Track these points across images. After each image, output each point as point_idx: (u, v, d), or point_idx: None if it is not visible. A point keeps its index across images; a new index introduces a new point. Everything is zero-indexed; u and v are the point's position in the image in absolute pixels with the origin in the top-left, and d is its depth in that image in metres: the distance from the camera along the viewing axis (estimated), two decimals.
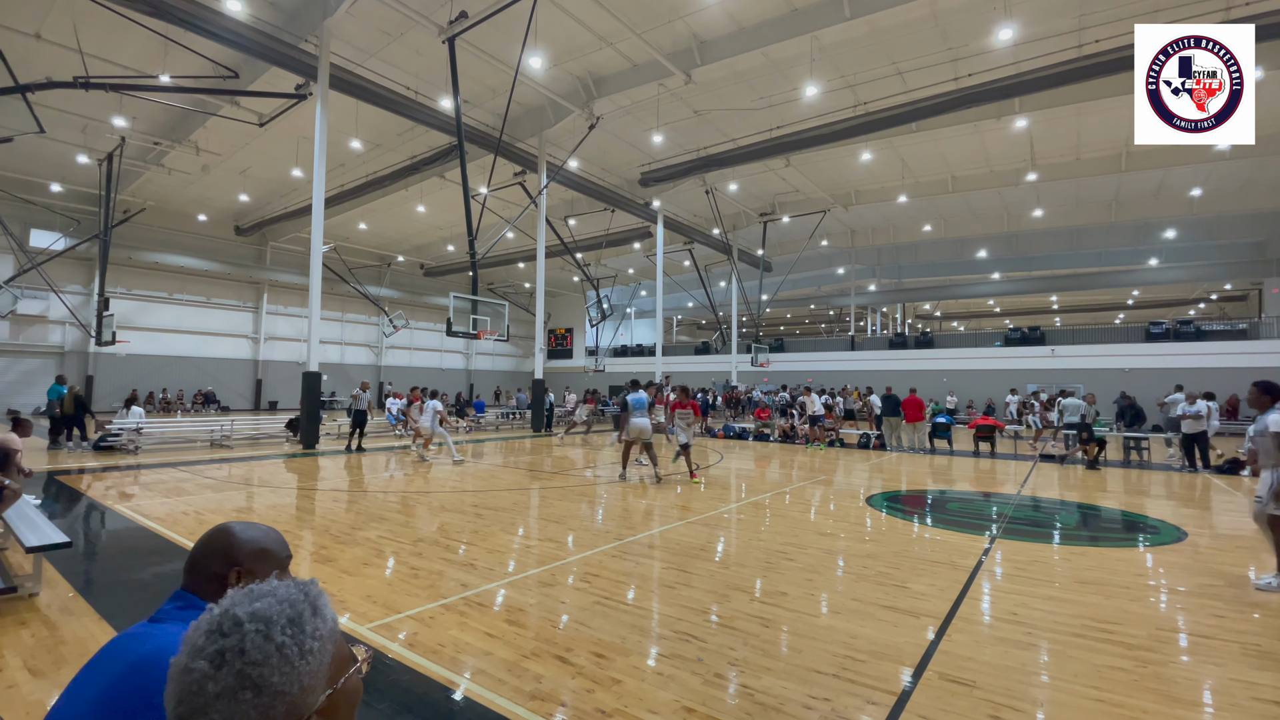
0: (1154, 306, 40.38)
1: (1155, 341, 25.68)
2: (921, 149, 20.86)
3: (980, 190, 23.53)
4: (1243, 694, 3.11)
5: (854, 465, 12.86)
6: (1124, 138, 19.51)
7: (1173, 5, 12.70)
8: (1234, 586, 4.98)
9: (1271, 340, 24.35)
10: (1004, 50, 14.39)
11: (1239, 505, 8.69)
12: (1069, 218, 26.67)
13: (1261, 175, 21.79)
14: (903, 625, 3.94)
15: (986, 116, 17.22)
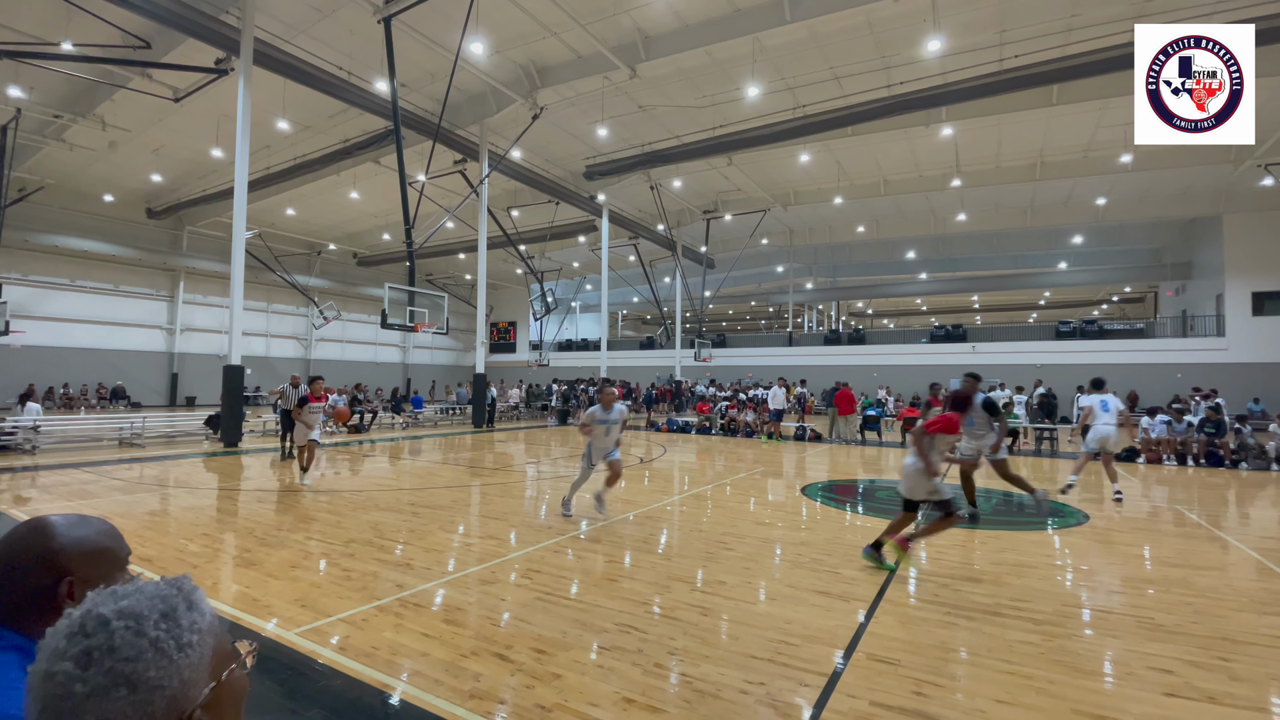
0: (1064, 307, 43.50)
1: (1064, 339, 27.70)
2: (856, 153, 21.64)
3: (910, 194, 24.63)
4: (1138, 664, 3.41)
5: (791, 457, 13.27)
6: (1039, 148, 20.87)
7: (1085, 25, 13.65)
8: (1130, 564, 5.46)
9: (1164, 339, 26.75)
10: (933, 61, 15.09)
11: (1133, 491, 9.52)
12: (989, 222, 28.29)
13: (1158, 187, 23.81)
14: (834, 609, 4.11)
15: (916, 124, 18.03)
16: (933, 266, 35.03)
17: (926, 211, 28.28)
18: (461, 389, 23.41)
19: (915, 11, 13.33)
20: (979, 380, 6.89)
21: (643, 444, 15.77)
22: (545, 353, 28.70)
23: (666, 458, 12.97)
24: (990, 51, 14.65)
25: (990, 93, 14.79)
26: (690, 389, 28.21)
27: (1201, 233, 26.11)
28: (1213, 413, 12.88)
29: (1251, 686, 3.13)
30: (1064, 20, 13.55)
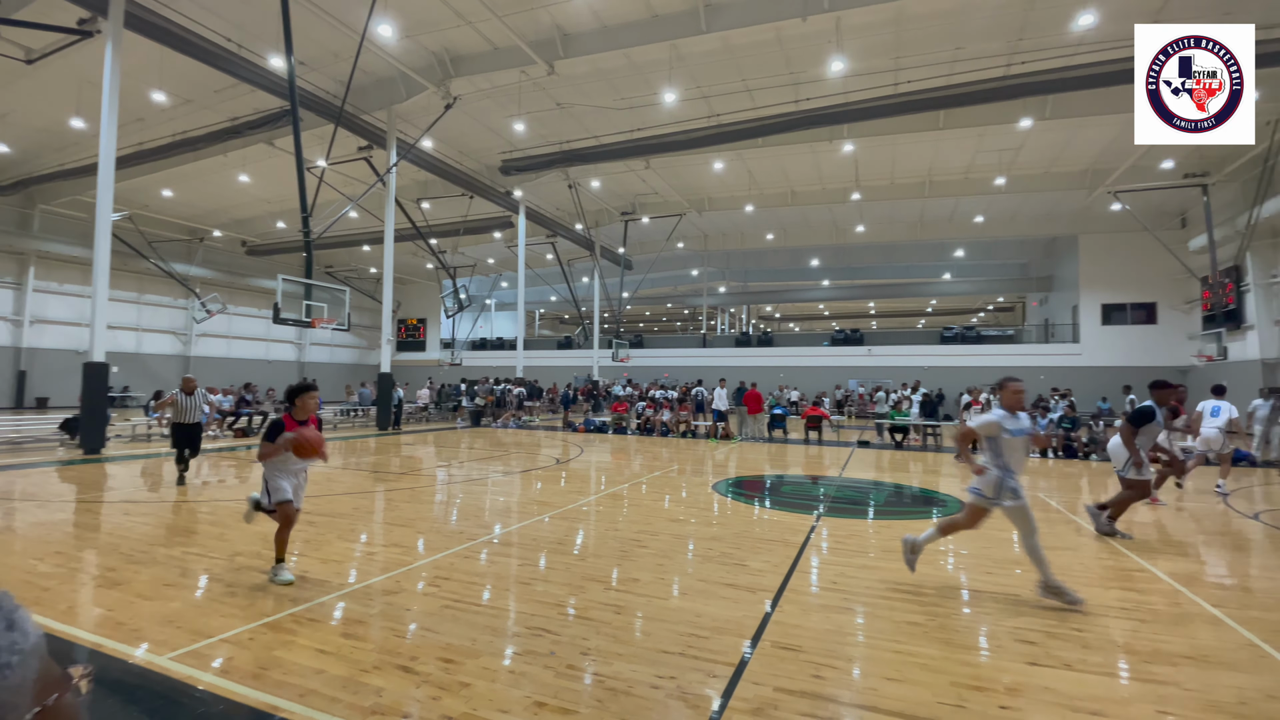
0: (947, 314, 47.55)
1: (947, 344, 30.27)
2: (766, 163, 22.56)
3: (814, 205, 26.02)
4: (1007, 637, 3.79)
5: (703, 454, 13.63)
6: (928, 168, 22.68)
7: (967, 58, 14.97)
8: (1001, 547, 6.04)
9: (1030, 344, 29.88)
10: (836, 81, 16.02)
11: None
12: (885, 234, 30.39)
13: (1026, 208, 26.55)
14: (742, 601, 4.27)
15: (820, 139, 19.08)
16: (834, 274, 37.17)
17: (829, 222, 29.94)
18: (365, 389, 22.12)
19: (821, 33, 14.09)
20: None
21: (559, 445, 15.64)
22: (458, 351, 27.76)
23: (583, 458, 12.93)
24: (887, 75, 15.75)
25: (886, 114, 15.90)
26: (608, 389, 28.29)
27: (1062, 250, 29.37)
28: (1069, 410, 14.52)
29: (1101, 653, 3.56)
30: (950, 52, 14.80)
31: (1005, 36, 14.10)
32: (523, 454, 13.49)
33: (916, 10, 13.21)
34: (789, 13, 12.98)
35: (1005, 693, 3.04)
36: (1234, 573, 5.33)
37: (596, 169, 23.21)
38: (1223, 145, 19.01)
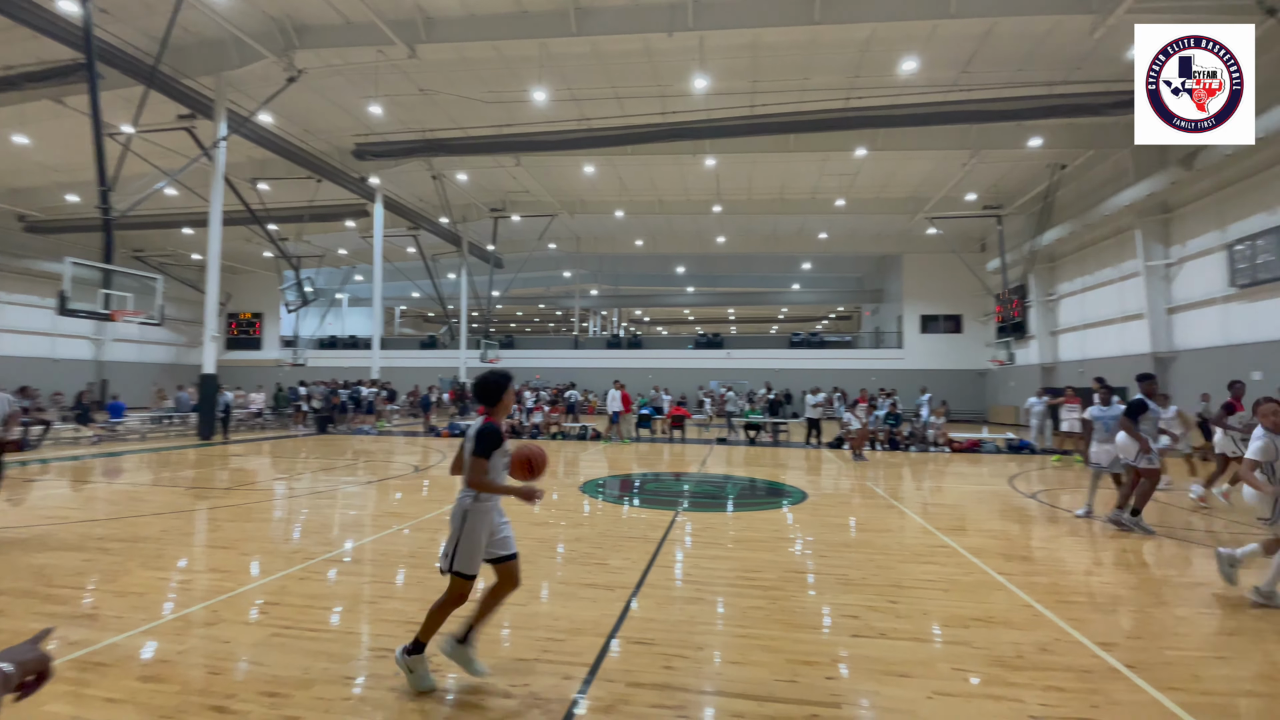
0: (796, 321, 51.87)
1: (795, 348, 33.05)
2: (636, 171, 23.13)
3: (681, 214, 27.17)
4: (835, 613, 4.20)
5: (572, 456, 13.63)
6: (780, 186, 24.59)
7: (814, 89, 16.42)
8: (834, 532, 6.69)
9: (864, 349, 33.49)
10: (700, 97, 16.84)
11: (838, 470, 11.70)
12: (743, 245, 32.48)
13: (862, 228, 29.75)
14: (600, 600, 4.33)
15: (684, 151, 19.94)
16: (698, 281, 39.08)
17: (694, 232, 31.37)
18: (183, 393, 19.27)
19: (687, 49, 14.73)
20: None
21: (419, 451, 14.80)
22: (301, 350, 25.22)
23: (446, 465, 12.35)
24: (745, 97, 16.84)
25: (743, 133, 17.01)
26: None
27: (890, 267, 33.26)
28: (893, 407, 16.49)
29: (911, 621, 4.07)
30: (799, 81, 16.17)
31: (845, 73, 15.70)
32: (377, 462, 12.60)
33: (771, 40, 14.29)
34: (656, 26, 13.42)
35: (831, 664, 3.37)
36: (1016, 545, 6.35)
37: (463, 162, 22.33)
38: (1013, 182, 22.88)
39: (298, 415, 20.59)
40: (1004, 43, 14.19)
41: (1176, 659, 3.48)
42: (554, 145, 18.54)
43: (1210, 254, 15.99)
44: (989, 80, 15.38)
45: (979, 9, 12.34)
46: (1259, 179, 14.34)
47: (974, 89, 15.49)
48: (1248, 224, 14.73)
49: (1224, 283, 15.39)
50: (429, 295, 30.95)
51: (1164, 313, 17.68)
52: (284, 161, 19.95)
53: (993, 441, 15.81)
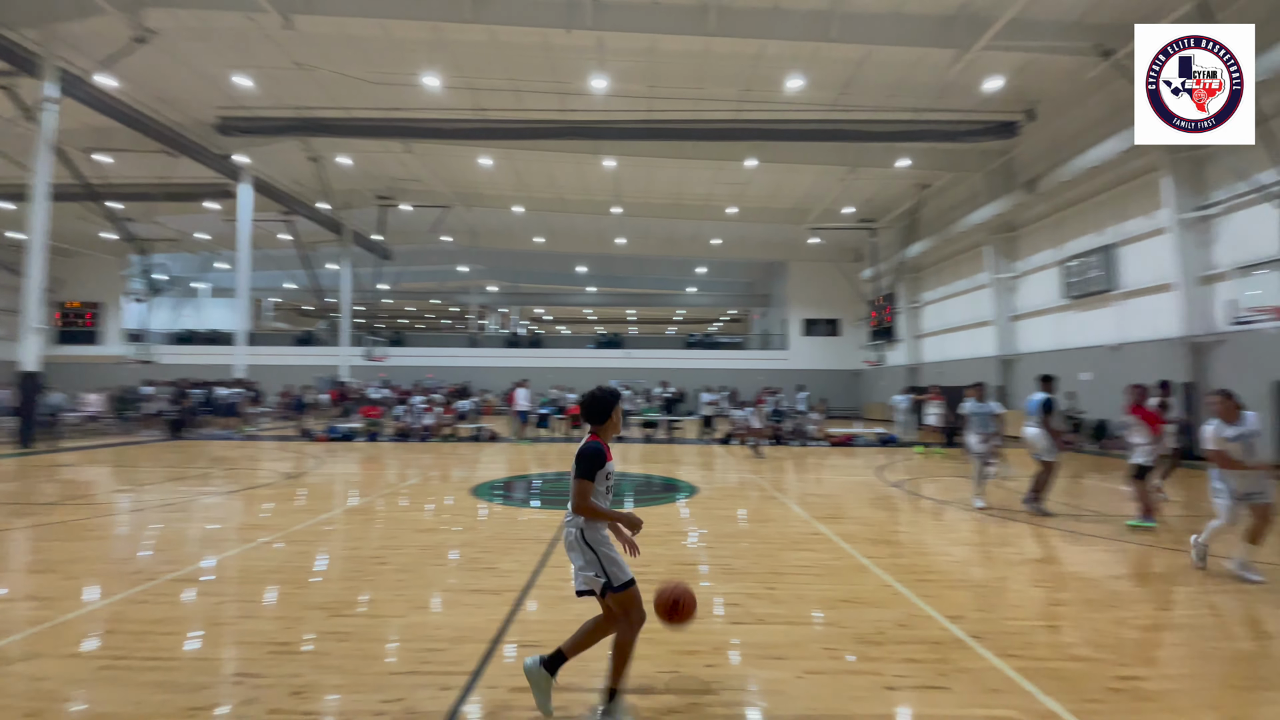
0: (692, 322, 53.47)
1: (691, 349, 34.10)
2: (535, 167, 22.76)
3: (581, 214, 27.09)
4: (717, 601, 4.36)
5: (467, 458, 13.16)
6: (677, 191, 25.21)
7: (708, 99, 16.99)
8: (721, 523, 6.95)
9: (754, 350, 35.11)
10: (599, 98, 16.88)
11: (728, 465, 12.18)
12: (641, 247, 32.97)
13: (752, 235, 31.17)
14: (486, 605, 4.21)
15: (584, 151, 19.91)
16: (599, 281, 39.16)
17: (595, 232, 31.42)
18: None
19: (585, 48, 14.71)
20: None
21: (292, 457, 13.65)
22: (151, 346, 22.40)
23: (323, 471, 11.47)
24: (643, 101, 17.09)
25: (642, 137, 17.28)
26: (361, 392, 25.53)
27: (777, 273, 35.14)
28: (777, 404, 17.44)
29: (787, 606, 4.31)
30: (695, 90, 16.66)
31: (736, 85, 16.38)
32: (240, 470, 11.46)
33: (668, 47, 14.60)
34: (554, 21, 13.28)
35: (711, 652, 3.50)
36: (882, 530, 6.92)
37: (346, 144, 20.90)
38: (885, 199, 24.97)
39: (144, 419, 18.28)
40: (877, 70, 15.45)
41: (1014, 629, 3.94)
42: (447, 134, 17.83)
43: (1047, 269, 18.34)
44: (864, 103, 16.68)
45: (855, 36, 13.34)
46: (1089, 204, 16.62)
47: (851, 110, 16.74)
48: (1078, 243, 17.03)
49: (1058, 294, 17.70)
50: (305, 287, 28.65)
51: (1008, 320, 20.07)
52: (132, 132, 17.61)
53: (865, 436, 17.19)
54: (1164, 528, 6.80)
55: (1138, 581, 5.00)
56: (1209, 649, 3.61)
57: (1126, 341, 15.19)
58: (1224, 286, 12.29)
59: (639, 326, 57.35)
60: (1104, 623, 4.04)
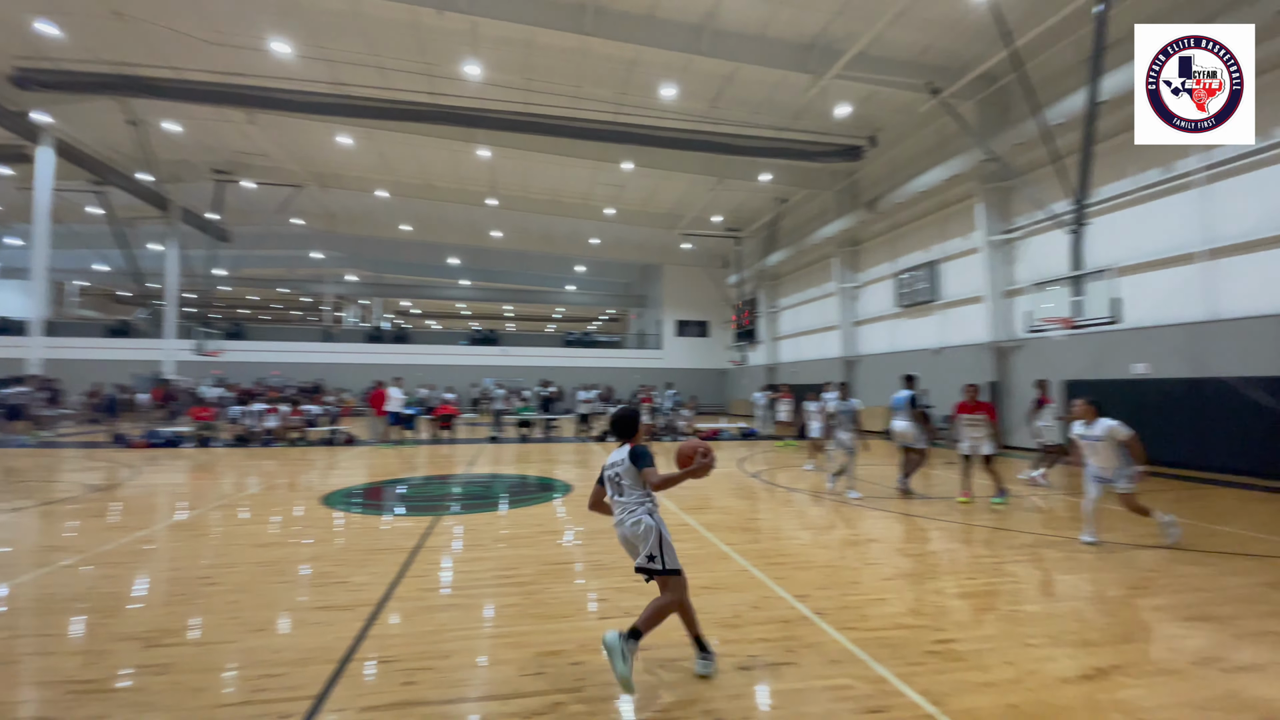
0: (572, 321, 53.33)
1: (569, 347, 34.04)
2: (402, 150, 21.43)
3: (453, 203, 25.92)
4: (586, 599, 4.39)
5: (319, 464, 12.09)
6: (555, 187, 25.01)
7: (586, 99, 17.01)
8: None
9: (631, 349, 35.80)
10: (473, 84, 16.27)
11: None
12: (519, 242, 32.29)
13: (630, 237, 31.73)
14: (336, 622, 3.91)
15: (456, 138, 19.10)
16: (473, 275, 37.75)
17: (468, 223, 30.25)
18: None
19: (458, 31, 14.11)
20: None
21: (103, 466, 11.72)
22: None
23: (142, 481, 9.96)
24: (520, 94, 16.74)
25: (518, 129, 16.89)
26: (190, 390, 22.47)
27: (653, 275, 36.10)
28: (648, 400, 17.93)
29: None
30: (573, 88, 16.61)
31: (614, 87, 16.57)
32: (34, 483, 9.65)
33: (546, 41, 14.42)
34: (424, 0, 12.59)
35: (578, 649, 3.52)
36: (741, 519, 7.36)
37: (175, 109, 18.32)
38: (749, 210, 26.56)
39: None
40: (744, 87, 16.38)
41: (851, 603, 4.37)
42: (299, 106, 16.24)
43: (884, 280, 20.53)
44: (732, 117, 17.62)
45: (723, 52, 14.05)
46: (918, 224, 18.82)
47: (720, 123, 17.62)
48: (909, 258, 19.24)
49: (892, 303, 19.89)
50: (121, 269, 24.70)
51: (852, 325, 22.22)
52: None
53: (729, 430, 18.22)
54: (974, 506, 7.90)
55: (955, 555, 5.77)
56: (1009, 612, 4.25)
57: (946, 346, 17.46)
58: (1023, 299, 14.52)
59: (517, 323, 56.14)
60: (926, 593, 4.62)
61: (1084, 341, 13.00)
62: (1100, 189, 12.59)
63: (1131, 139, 12.13)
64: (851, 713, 2.86)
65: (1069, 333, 11.02)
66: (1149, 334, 11.82)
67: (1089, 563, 5.42)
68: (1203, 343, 10.92)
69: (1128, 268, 12.08)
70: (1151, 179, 11.87)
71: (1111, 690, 3.08)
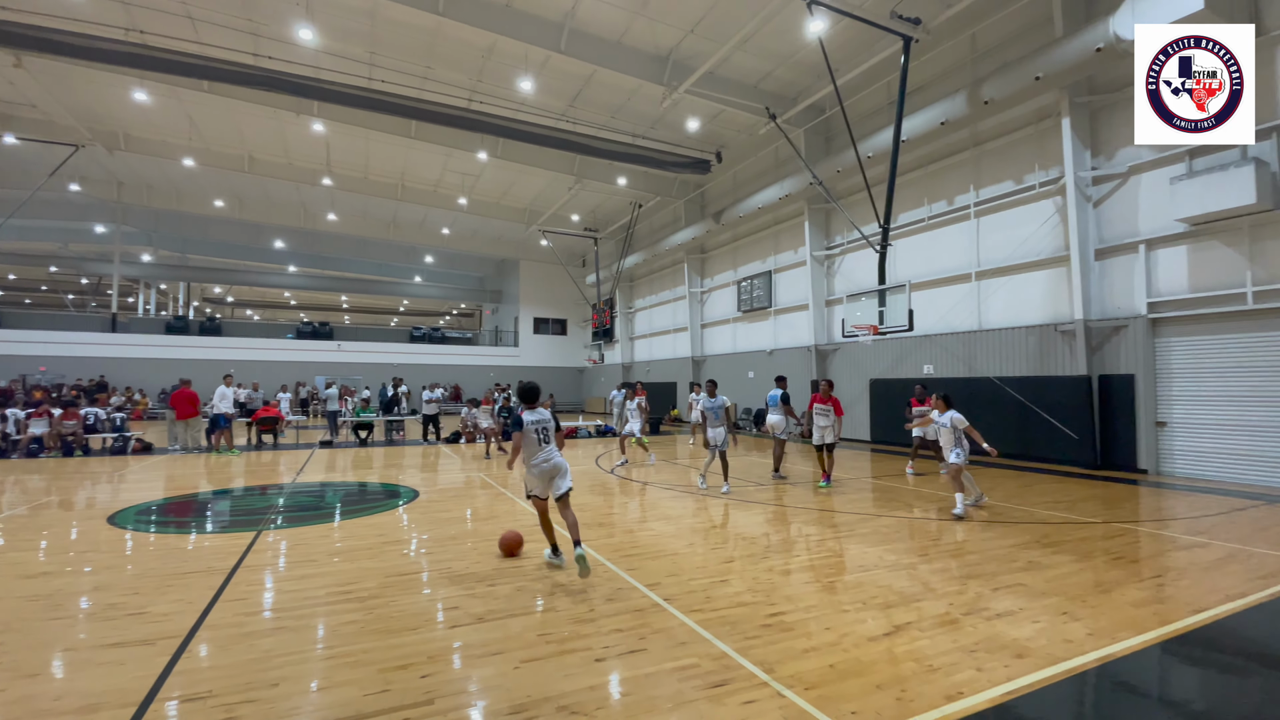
0: (419, 315, 50.23)
1: (416, 343, 32.08)
2: (216, 114, 18.72)
3: (279, 180, 23.16)
4: (435, 609, 4.21)
5: (104, 476, 10.17)
6: (401, 172, 23.43)
7: (437, 81, 16.16)
8: (443, 526, 6.72)
9: (485, 346, 34.66)
10: (307, 51, 14.71)
11: (454, 466, 11.83)
12: (358, 228, 29.74)
13: (485, 229, 30.68)
14: (132, 660, 3.36)
15: (285, 108, 17.13)
16: (303, 260, 34.04)
17: (298, 203, 27.25)
18: None
19: None
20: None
21: None
22: None
23: None
24: (362, 67, 15.46)
25: (358, 105, 15.53)
26: None
27: (509, 270, 35.27)
28: (506, 401, 17.53)
29: (507, 600, 4.37)
30: (422, 69, 15.70)
31: (468, 73, 15.94)
32: None
33: (393, 15, 13.46)
34: None
35: (427, 661, 3.38)
36: (598, 514, 7.50)
37: None
38: (608, 211, 27.00)
39: None
40: (603, 90, 16.65)
41: (697, 587, 4.67)
42: (81, 53, 13.50)
43: (728, 287, 22.03)
44: (591, 119, 17.83)
45: (582, 54, 14.15)
46: (757, 236, 20.44)
47: (579, 124, 17.73)
48: (749, 268, 20.85)
49: (735, 308, 21.41)
50: None
51: (700, 327, 23.58)
52: None
53: (586, 428, 18.42)
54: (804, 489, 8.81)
55: (786, 535, 6.40)
56: (828, 583, 4.82)
57: (778, 348, 19.22)
58: (840, 308, 16.41)
59: (355, 316, 51.62)
60: (760, 572, 5.08)
61: (887, 346, 15.08)
62: (901, 215, 14.70)
63: (926, 175, 14.39)
64: (697, 689, 3.08)
65: (875, 338, 12.69)
66: (935, 340, 14.03)
67: (887, 533, 6.33)
68: (973, 348, 13.21)
69: (921, 284, 14.26)
70: (940, 210, 14.10)
71: (907, 643, 3.65)
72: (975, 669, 3.31)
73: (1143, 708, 3.04)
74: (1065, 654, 3.49)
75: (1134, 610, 4.19)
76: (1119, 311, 10.84)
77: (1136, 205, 10.65)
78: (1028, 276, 12.37)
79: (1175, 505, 7.91)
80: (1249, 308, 9.23)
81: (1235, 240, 9.41)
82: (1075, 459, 11.14)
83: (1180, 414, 10.15)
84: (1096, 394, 10.97)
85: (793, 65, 15.19)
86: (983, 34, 12.99)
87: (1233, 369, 9.53)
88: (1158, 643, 3.68)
